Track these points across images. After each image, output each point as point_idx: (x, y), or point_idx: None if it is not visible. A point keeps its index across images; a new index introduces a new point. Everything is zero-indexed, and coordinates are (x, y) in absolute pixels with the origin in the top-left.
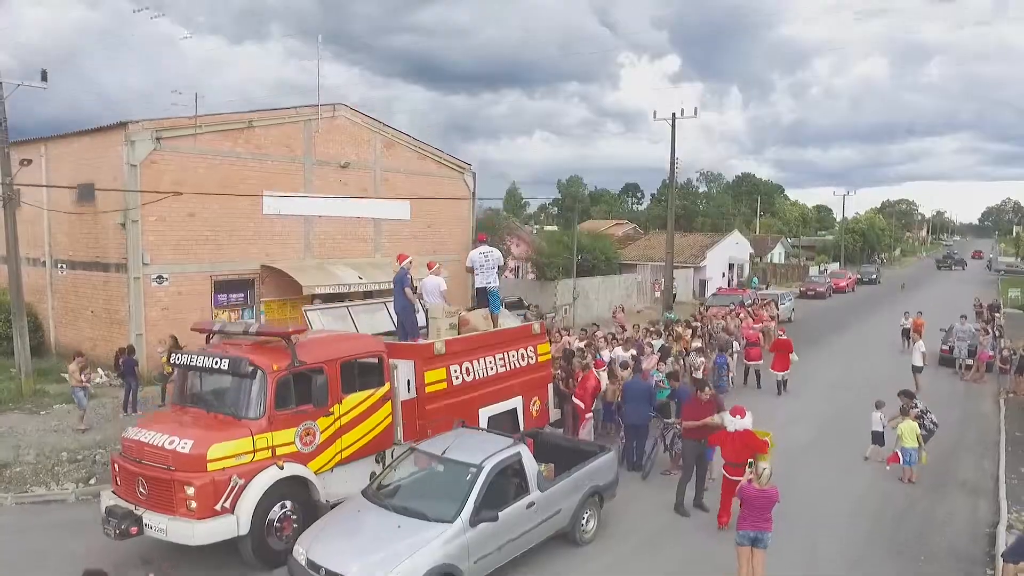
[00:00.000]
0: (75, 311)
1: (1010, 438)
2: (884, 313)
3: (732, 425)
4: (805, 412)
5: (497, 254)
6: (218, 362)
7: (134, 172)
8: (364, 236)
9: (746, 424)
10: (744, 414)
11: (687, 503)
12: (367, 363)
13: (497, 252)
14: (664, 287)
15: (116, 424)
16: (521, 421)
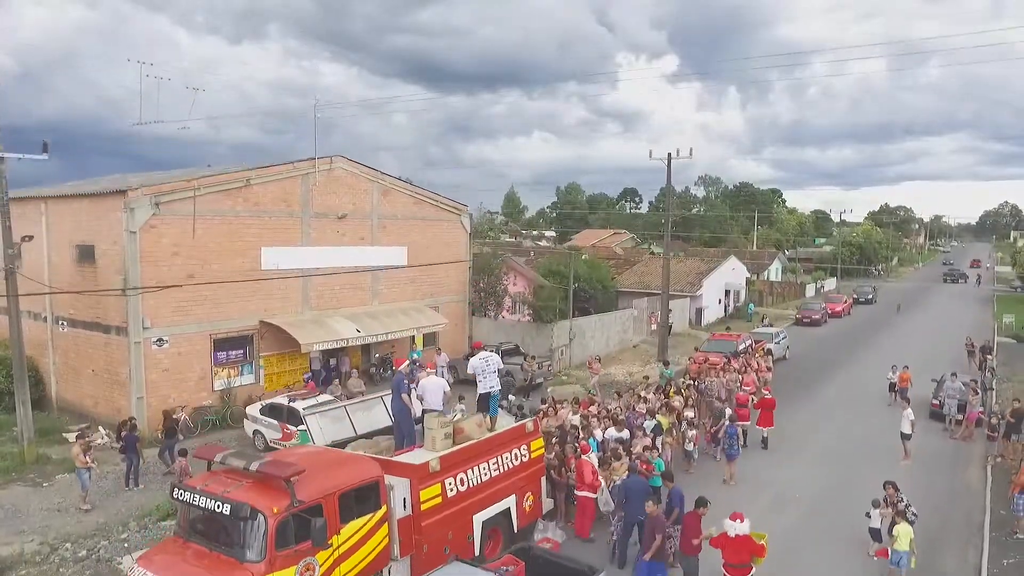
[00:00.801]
0: (76, 368)
1: (995, 519)
2: (879, 345)
3: (732, 530)
4: (796, 487)
5: (496, 358)
6: (220, 505)
7: (133, 238)
8: (362, 284)
9: (744, 529)
10: (743, 519)
11: None
12: (364, 488)
13: (496, 356)
14: (659, 343)
15: (118, 499)
16: (515, 520)
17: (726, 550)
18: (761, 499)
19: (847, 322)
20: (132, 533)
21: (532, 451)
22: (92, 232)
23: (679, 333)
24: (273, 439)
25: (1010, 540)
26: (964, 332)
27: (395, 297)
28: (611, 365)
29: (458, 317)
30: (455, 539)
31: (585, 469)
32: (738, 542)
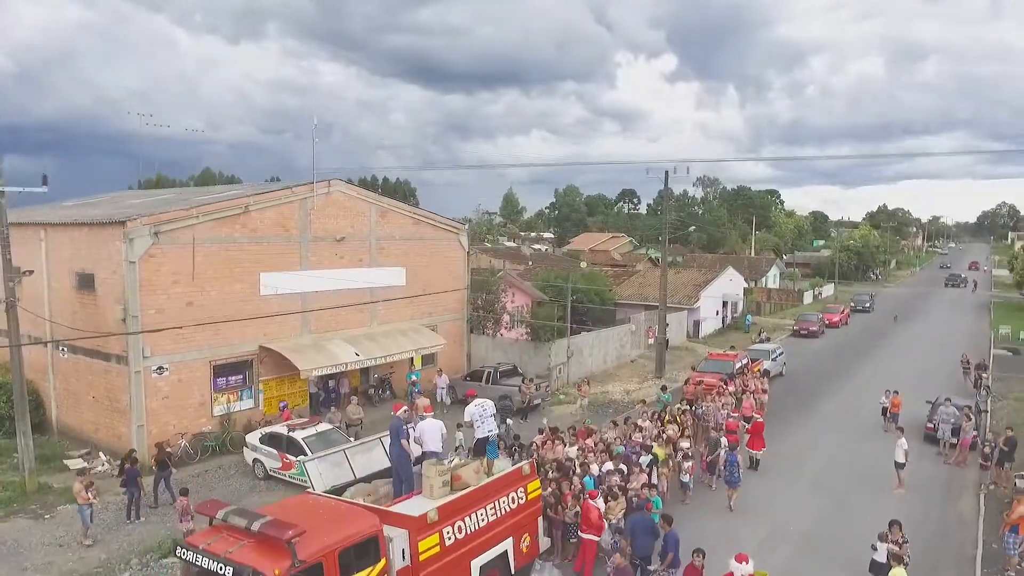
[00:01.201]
0: (76, 394)
1: (987, 553)
2: (876, 359)
3: (738, 572)
4: (792, 516)
5: (490, 404)
6: (223, 568)
7: (133, 268)
8: (361, 306)
9: (749, 570)
10: (747, 560)
11: None
12: (364, 543)
13: (490, 402)
14: (656, 359)
15: (120, 532)
16: (512, 562)
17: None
18: (758, 531)
19: (844, 333)
20: (134, 572)
21: (529, 493)
22: (91, 261)
23: (676, 347)
24: (273, 468)
25: None
26: (960, 343)
27: (393, 317)
28: (609, 382)
29: (456, 335)
30: None
31: (592, 513)
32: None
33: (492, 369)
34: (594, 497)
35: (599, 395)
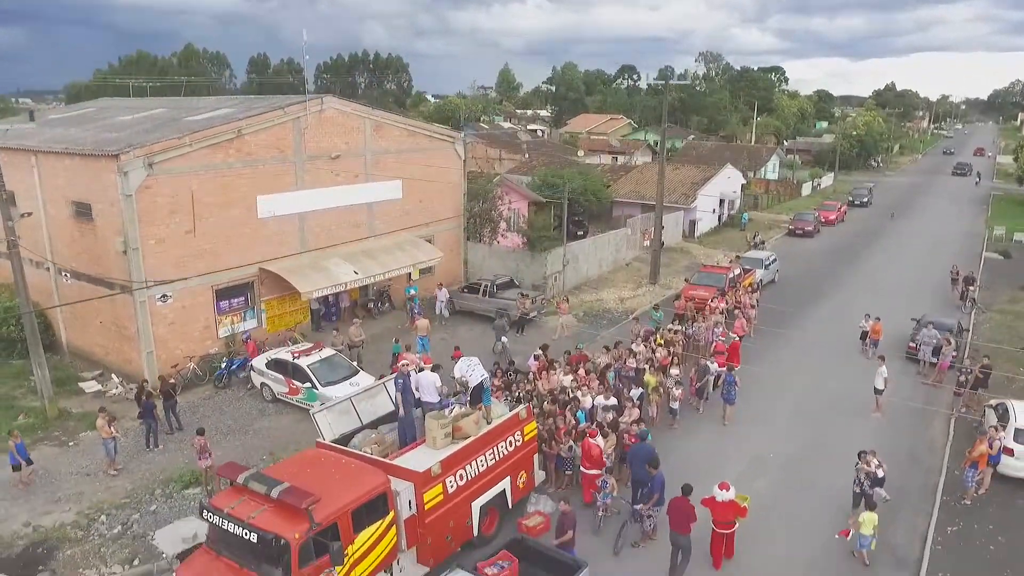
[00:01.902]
0: (83, 318)
1: (949, 481)
2: (867, 264)
3: (720, 496)
4: (772, 442)
5: (476, 360)
6: (248, 533)
7: (130, 201)
8: (358, 221)
9: (731, 496)
10: (729, 488)
11: None
12: (374, 500)
13: (475, 358)
14: (651, 264)
15: (141, 461)
16: (509, 498)
17: (715, 512)
18: (741, 458)
19: (840, 233)
20: (159, 504)
21: (525, 435)
22: (87, 191)
23: (671, 248)
24: (280, 392)
25: (958, 506)
26: (955, 245)
27: (391, 229)
28: (603, 289)
29: (454, 244)
30: (455, 526)
31: (593, 450)
32: (725, 506)
33: (489, 282)
34: (593, 436)
35: (593, 303)
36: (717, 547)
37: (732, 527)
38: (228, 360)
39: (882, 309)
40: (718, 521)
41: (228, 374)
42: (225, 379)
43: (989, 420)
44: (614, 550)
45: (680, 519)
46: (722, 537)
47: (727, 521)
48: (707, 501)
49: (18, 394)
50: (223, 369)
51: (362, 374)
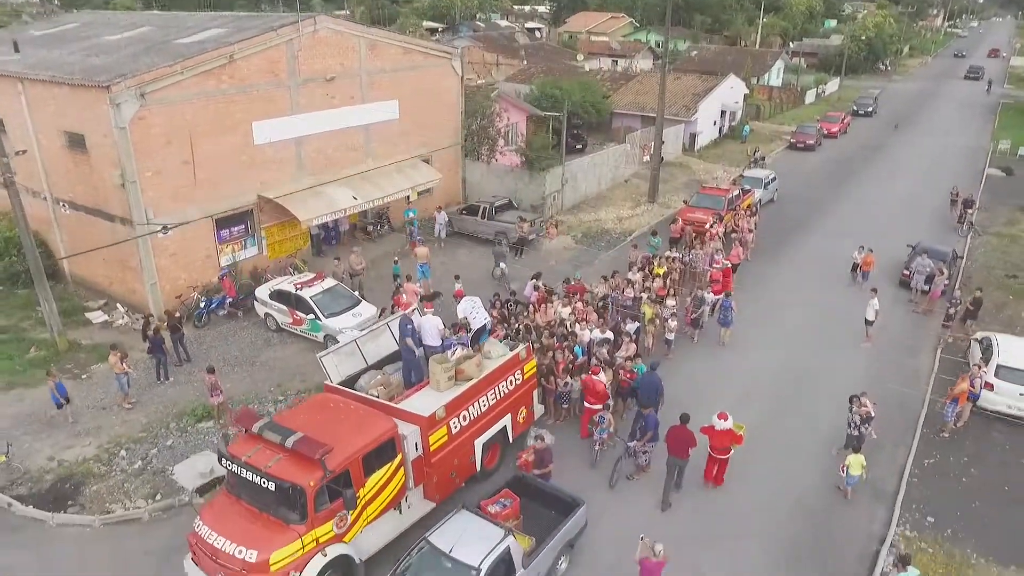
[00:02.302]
0: (85, 249)
1: (930, 412)
2: (868, 181)
3: (719, 426)
4: (762, 377)
5: (478, 299)
6: (266, 482)
7: (124, 134)
8: (355, 145)
9: (728, 425)
10: (727, 418)
11: None
12: (383, 445)
13: (477, 298)
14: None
15: (153, 394)
16: (510, 434)
17: (712, 440)
18: (735, 388)
19: (842, 145)
20: (175, 438)
21: (525, 373)
22: (79, 122)
23: (671, 163)
24: (284, 323)
25: (937, 439)
26: (959, 158)
27: (389, 152)
28: (601, 207)
29: (452, 163)
30: (459, 464)
31: (597, 386)
32: (722, 434)
33: (488, 204)
34: (596, 372)
35: (591, 224)
36: (710, 469)
37: (728, 453)
38: (207, 299)
39: (880, 231)
40: (715, 447)
41: (207, 313)
42: (205, 318)
43: (974, 354)
44: (610, 483)
45: (680, 446)
46: (716, 461)
47: (723, 447)
48: (706, 429)
49: (27, 326)
50: (202, 309)
51: (364, 304)
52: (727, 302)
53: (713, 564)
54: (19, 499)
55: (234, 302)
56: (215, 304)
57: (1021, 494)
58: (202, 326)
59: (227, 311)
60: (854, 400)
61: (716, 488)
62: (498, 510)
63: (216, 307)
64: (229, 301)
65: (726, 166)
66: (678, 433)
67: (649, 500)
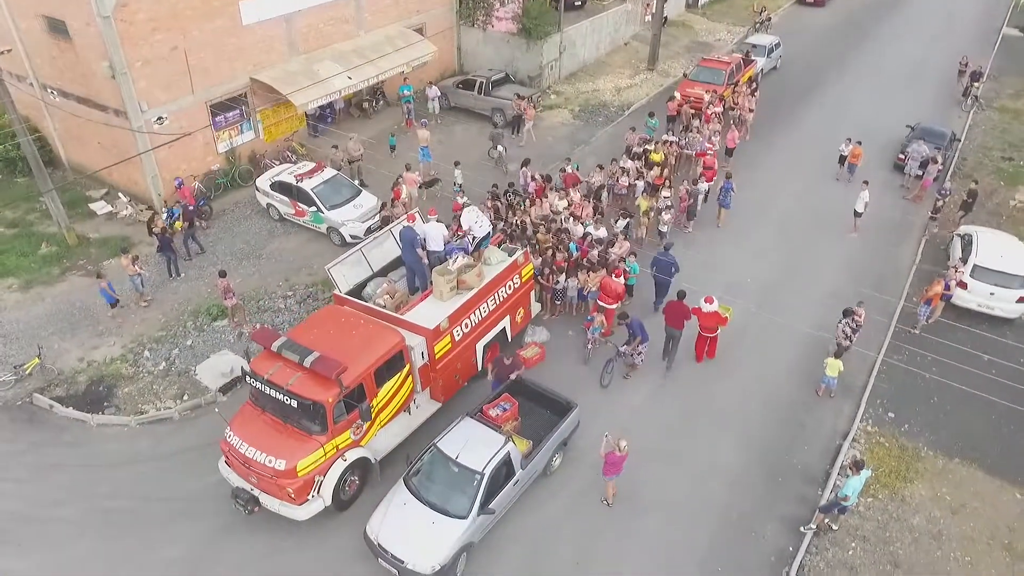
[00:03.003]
0: (80, 137)
1: (906, 309)
2: (875, 45)
3: (706, 308)
4: (752, 265)
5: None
6: (288, 398)
7: (108, 23)
8: (346, 17)
9: (714, 307)
10: (713, 301)
11: None
12: (392, 358)
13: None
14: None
15: (167, 290)
16: (509, 333)
17: (701, 320)
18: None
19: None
20: (194, 338)
21: (523, 277)
22: (58, 7)
23: (673, 22)
24: (287, 213)
25: (908, 335)
26: (976, 13)
27: (381, 22)
28: (600, 76)
29: (446, 30)
30: (462, 366)
31: (612, 286)
32: (709, 315)
33: (484, 79)
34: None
35: (589, 95)
36: (700, 347)
37: (715, 332)
38: (167, 210)
39: (882, 105)
40: (703, 327)
41: (170, 227)
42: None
43: (954, 250)
44: (601, 383)
45: (676, 318)
46: (706, 339)
47: (710, 327)
48: (695, 311)
49: (32, 219)
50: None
51: (364, 194)
52: (728, 184)
53: (692, 453)
54: (59, 400)
55: (196, 210)
56: (175, 215)
57: (973, 391)
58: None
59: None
60: (847, 312)
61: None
62: (498, 413)
63: (177, 218)
64: (191, 209)
65: (730, 25)
66: (675, 307)
67: (636, 396)
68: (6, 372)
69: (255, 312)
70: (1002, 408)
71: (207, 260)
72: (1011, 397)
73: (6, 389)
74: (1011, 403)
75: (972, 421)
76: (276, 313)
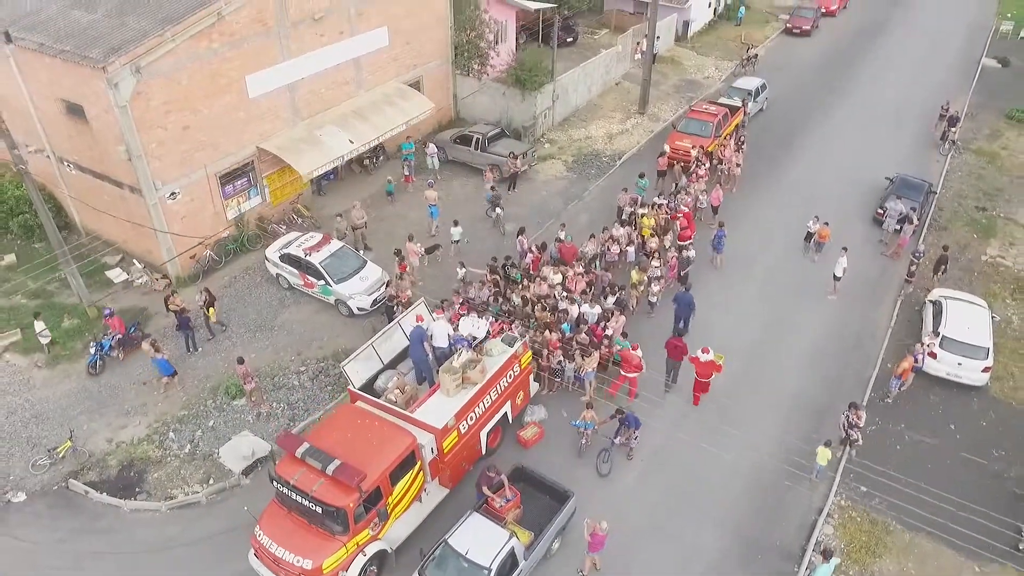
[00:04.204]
0: (95, 205)
1: (880, 375)
2: (858, 85)
3: (703, 358)
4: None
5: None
6: (312, 504)
7: (125, 111)
8: (346, 79)
9: (710, 357)
10: (709, 351)
11: None
12: (406, 458)
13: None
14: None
15: (186, 364)
16: (510, 416)
17: (698, 369)
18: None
19: (839, 27)
20: (215, 419)
21: (523, 365)
22: (75, 93)
23: (662, 58)
24: (296, 284)
25: (881, 404)
26: (957, 42)
27: (380, 80)
28: (592, 121)
29: (443, 80)
30: (468, 454)
31: (633, 359)
32: (705, 365)
33: (481, 136)
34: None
35: (582, 143)
36: (697, 391)
37: (709, 377)
38: (96, 343)
39: (864, 149)
40: (700, 373)
41: (100, 359)
42: (100, 364)
43: (926, 318)
44: (600, 473)
45: (676, 352)
46: (701, 384)
47: (706, 374)
48: (692, 359)
49: (53, 288)
50: (94, 355)
51: (369, 265)
52: (721, 232)
53: (678, 531)
54: (93, 486)
55: (123, 339)
56: (106, 347)
57: (942, 463)
58: (98, 373)
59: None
60: (851, 407)
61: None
62: (503, 504)
63: (108, 350)
64: (119, 338)
65: (718, 60)
66: (674, 344)
67: (629, 475)
68: (41, 456)
69: (271, 390)
70: (965, 481)
71: (222, 334)
72: (975, 471)
73: (42, 473)
74: (975, 477)
75: (938, 494)
76: (291, 391)
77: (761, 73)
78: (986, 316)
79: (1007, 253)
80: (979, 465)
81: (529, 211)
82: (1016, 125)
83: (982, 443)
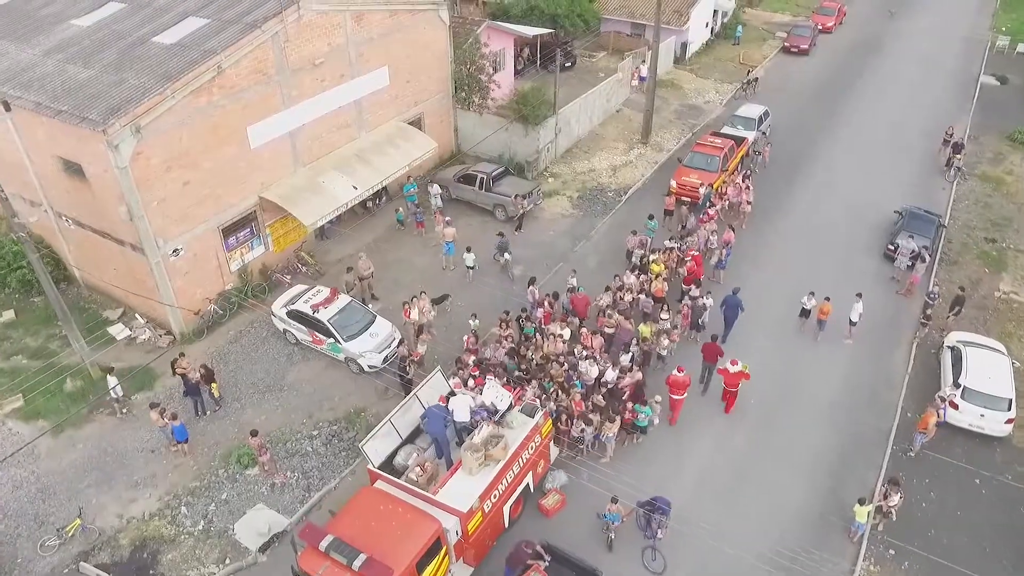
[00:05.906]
0: (96, 262)
1: (901, 424)
2: (862, 102)
3: (732, 369)
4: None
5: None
6: None
7: (125, 172)
8: (347, 121)
9: (739, 368)
10: (737, 363)
11: None
12: (432, 546)
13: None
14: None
15: (196, 429)
16: (531, 486)
17: (726, 379)
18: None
19: (836, 44)
20: (228, 491)
21: (543, 435)
22: (73, 152)
23: (662, 81)
24: (304, 340)
25: (904, 457)
26: (954, 56)
27: (381, 120)
28: (595, 153)
29: (444, 114)
30: (492, 531)
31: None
32: (734, 375)
33: (485, 175)
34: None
35: (587, 177)
36: (727, 399)
37: (737, 387)
38: None
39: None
40: (728, 383)
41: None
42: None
43: (944, 365)
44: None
45: (711, 355)
46: (729, 394)
47: (734, 383)
48: (721, 371)
49: (55, 346)
50: None
51: (379, 320)
52: (728, 251)
53: None
54: (105, 568)
55: None
56: None
57: (968, 519)
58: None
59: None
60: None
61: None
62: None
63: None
64: None
65: (717, 83)
66: (710, 347)
67: None
68: (50, 536)
69: (283, 457)
70: (991, 535)
71: (232, 395)
72: (1002, 522)
73: (51, 554)
74: (1001, 530)
75: (965, 552)
76: (304, 457)
77: (761, 96)
78: (1007, 364)
79: (1020, 289)
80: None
81: (537, 253)
82: (1020, 148)
83: (1010, 500)
